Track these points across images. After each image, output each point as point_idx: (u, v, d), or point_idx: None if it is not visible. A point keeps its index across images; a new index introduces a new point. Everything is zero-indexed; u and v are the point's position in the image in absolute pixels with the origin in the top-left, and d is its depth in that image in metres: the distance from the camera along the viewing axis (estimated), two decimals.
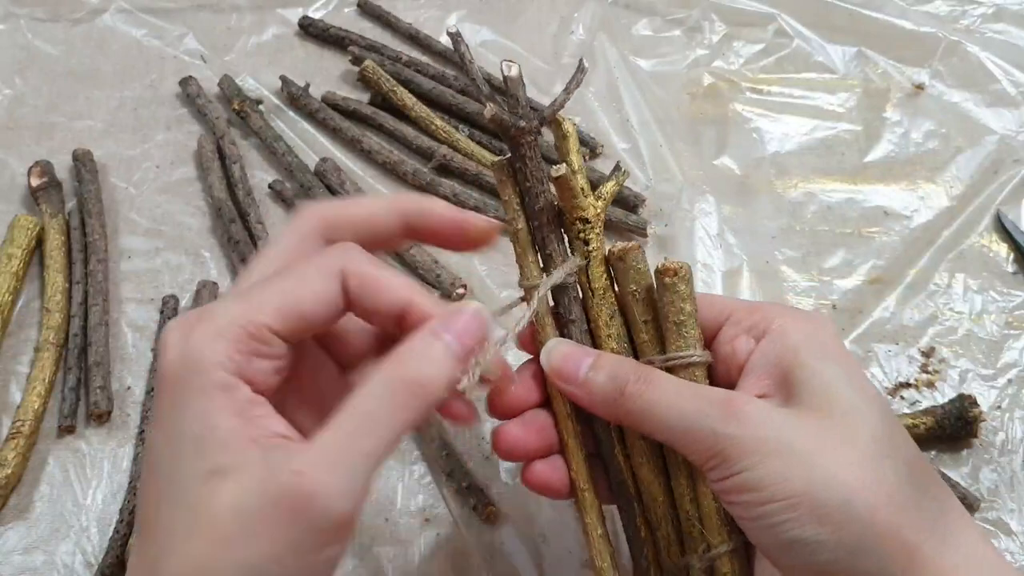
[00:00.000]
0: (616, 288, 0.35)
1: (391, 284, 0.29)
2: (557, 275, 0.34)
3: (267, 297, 0.28)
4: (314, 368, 0.31)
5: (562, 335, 0.34)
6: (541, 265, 0.35)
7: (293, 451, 0.26)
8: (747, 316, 0.33)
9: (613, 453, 0.34)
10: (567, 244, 0.35)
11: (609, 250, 0.35)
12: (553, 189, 0.34)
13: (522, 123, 0.33)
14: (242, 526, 0.25)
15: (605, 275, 0.35)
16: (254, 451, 0.26)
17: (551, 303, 0.35)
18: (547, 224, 0.35)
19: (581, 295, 0.35)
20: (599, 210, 0.35)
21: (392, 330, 0.30)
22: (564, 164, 0.33)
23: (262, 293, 0.28)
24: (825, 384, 0.30)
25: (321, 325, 0.29)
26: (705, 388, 0.32)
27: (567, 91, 0.35)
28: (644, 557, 0.35)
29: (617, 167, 0.38)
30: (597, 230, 0.35)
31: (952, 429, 0.43)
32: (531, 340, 0.34)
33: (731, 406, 0.30)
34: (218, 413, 0.26)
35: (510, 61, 0.34)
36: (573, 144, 0.36)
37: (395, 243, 0.32)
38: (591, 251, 0.35)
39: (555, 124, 0.36)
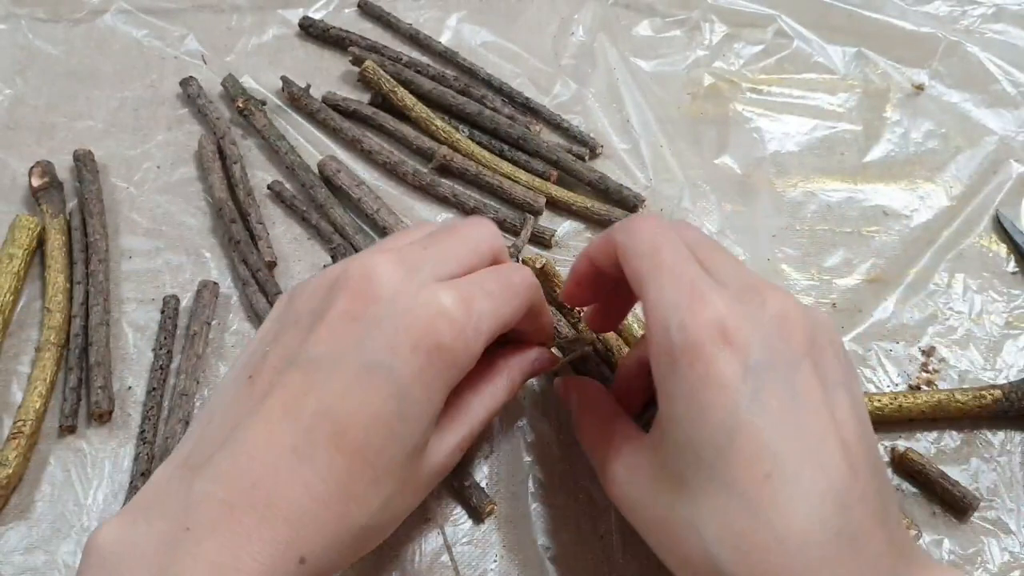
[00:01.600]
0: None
1: (548, 319, 0.39)
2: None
3: (506, 313, 0.33)
4: None
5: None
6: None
7: (458, 425, 0.35)
8: None
9: None
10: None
11: (527, 260, 0.44)
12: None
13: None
14: (429, 483, 0.35)
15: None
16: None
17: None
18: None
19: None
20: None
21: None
22: (542, 256, 0.44)
23: (505, 309, 0.33)
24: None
25: None
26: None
27: (523, 237, 0.49)
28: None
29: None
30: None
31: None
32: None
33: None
34: (442, 403, 0.32)
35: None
36: (554, 276, 0.45)
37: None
38: (582, 332, 0.44)
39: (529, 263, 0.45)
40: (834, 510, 0.28)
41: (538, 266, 0.44)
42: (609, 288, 0.38)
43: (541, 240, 0.51)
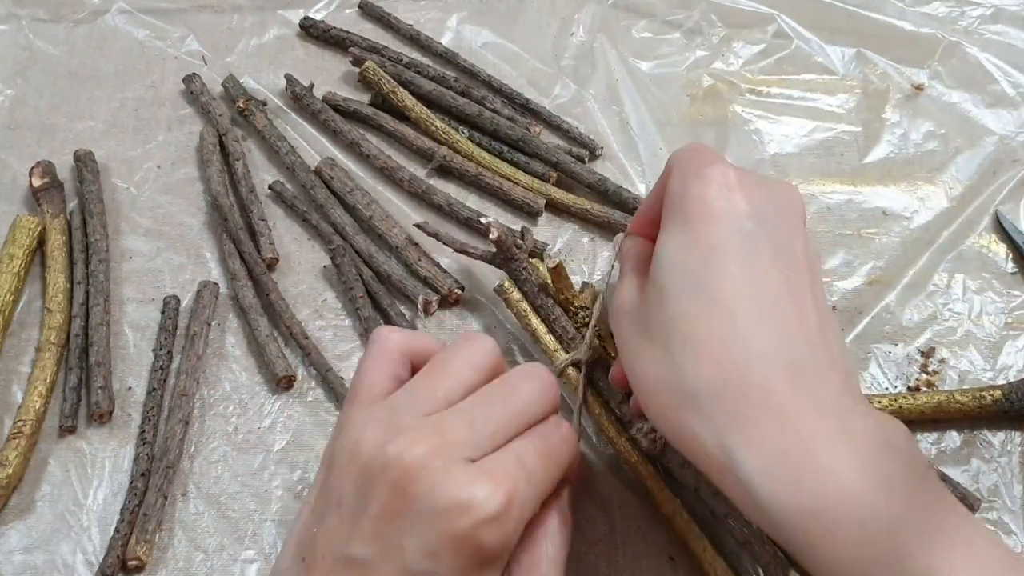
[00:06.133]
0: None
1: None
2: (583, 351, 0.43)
3: (543, 481, 0.33)
4: None
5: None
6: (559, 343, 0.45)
7: None
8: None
9: None
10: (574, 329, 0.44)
11: (544, 256, 0.45)
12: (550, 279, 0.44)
13: (517, 250, 0.45)
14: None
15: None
16: None
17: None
18: (545, 296, 0.45)
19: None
20: (595, 295, 0.46)
21: None
22: (556, 256, 0.44)
23: (543, 488, 0.33)
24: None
25: None
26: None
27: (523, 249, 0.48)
28: None
29: (584, 284, 0.48)
30: (596, 313, 0.44)
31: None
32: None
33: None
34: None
35: (488, 221, 0.47)
36: (565, 278, 0.44)
37: None
38: (599, 328, 0.43)
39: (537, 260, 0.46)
40: (803, 348, 0.31)
41: (551, 264, 0.43)
42: None
43: (532, 254, 0.49)
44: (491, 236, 0.43)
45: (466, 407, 0.33)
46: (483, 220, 0.49)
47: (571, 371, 0.43)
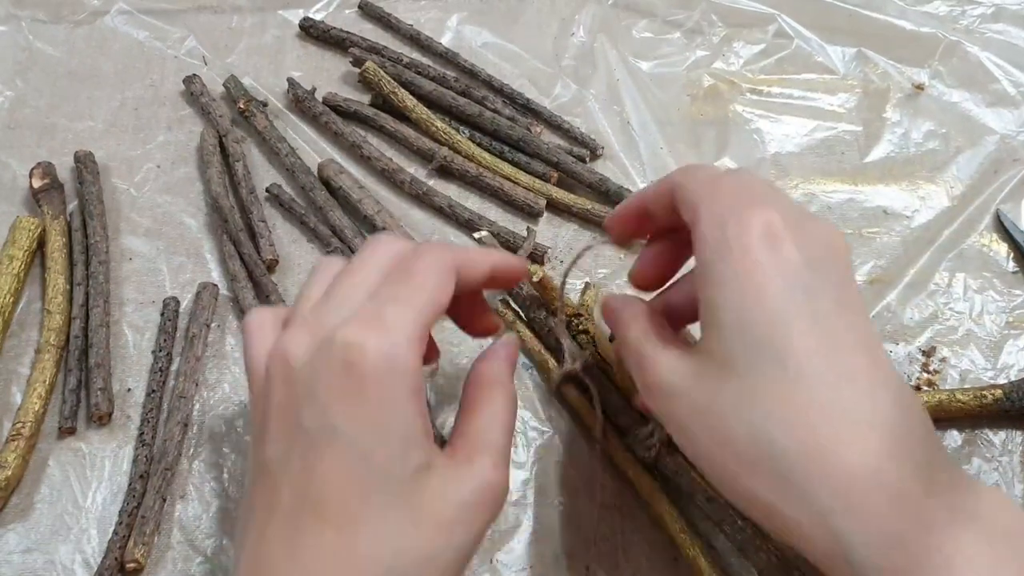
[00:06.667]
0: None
1: (480, 259, 0.35)
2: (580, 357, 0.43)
3: (425, 302, 0.32)
4: None
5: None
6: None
7: (474, 452, 0.32)
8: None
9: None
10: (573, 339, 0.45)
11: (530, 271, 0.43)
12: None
13: None
14: (462, 514, 0.31)
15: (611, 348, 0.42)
16: (438, 449, 0.32)
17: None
18: (538, 309, 0.45)
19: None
20: (587, 305, 0.46)
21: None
22: (540, 268, 0.43)
23: (420, 298, 0.32)
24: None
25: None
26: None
27: (525, 248, 0.48)
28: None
29: (587, 285, 0.48)
30: (590, 320, 0.44)
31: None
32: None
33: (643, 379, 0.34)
34: (416, 416, 0.30)
35: (480, 236, 0.47)
36: (551, 289, 0.45)
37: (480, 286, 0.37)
38: (592, 336, 0.44)
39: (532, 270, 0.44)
40: (889, 404, 0.29)
41: (535, 279, 0.43)
42: (649, 231, 0.38)
43: (533, 257, 0.50)
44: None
45: (325, 294, 0.34)
46: (475, 236, 0.49)
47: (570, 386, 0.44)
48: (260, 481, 0.31)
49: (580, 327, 0.45)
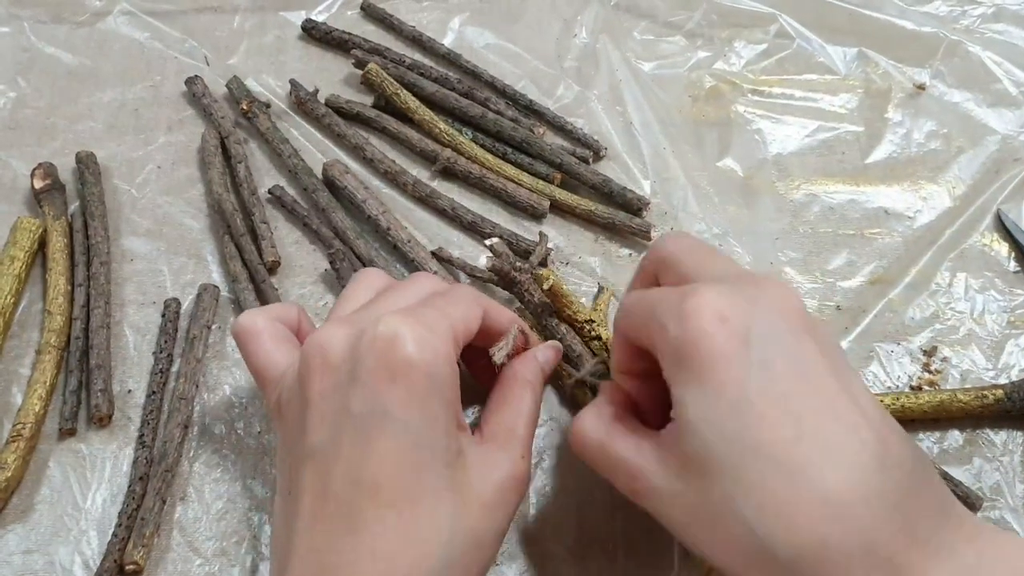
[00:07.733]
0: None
1: (503, 313, 0.39)
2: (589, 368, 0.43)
3: (459, 317, 0.35)
4: None
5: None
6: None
7: (505, 442, 0.35)
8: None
9: None
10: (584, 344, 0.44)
11: (536, 277, 0.44)
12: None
13: (515, 274, 0.45)
14: (500, 496, 0.33)
15: None
16: (470, 436, 0.35)
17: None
18: (550, 316, 0.44)
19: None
20: (600, 310, 0.46)
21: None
22: (551, 274, 0.42)
23: (455, 312, 0.35)
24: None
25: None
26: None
27: (537, 254, 0.48)
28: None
29: (601, 289, 0.49)
30: (603, 325, 0.44)
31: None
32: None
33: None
34: (456, 401, 0.33)
35: (491, 243, 0.47)
36: (562, 296, 0.44)
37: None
38: (605, 342, 0.44)
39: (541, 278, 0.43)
40: (874, 469, 0.28)
41: (545, 287, 0.42)
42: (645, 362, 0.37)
43: (543, 262, 0.50)
44: (487, 266, 0.45)
45: (371, 301, 0.37)
46: (486, 243, 0.48)
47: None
48: (305, 468, 0.32)
49: (592, 333, 0.44)
